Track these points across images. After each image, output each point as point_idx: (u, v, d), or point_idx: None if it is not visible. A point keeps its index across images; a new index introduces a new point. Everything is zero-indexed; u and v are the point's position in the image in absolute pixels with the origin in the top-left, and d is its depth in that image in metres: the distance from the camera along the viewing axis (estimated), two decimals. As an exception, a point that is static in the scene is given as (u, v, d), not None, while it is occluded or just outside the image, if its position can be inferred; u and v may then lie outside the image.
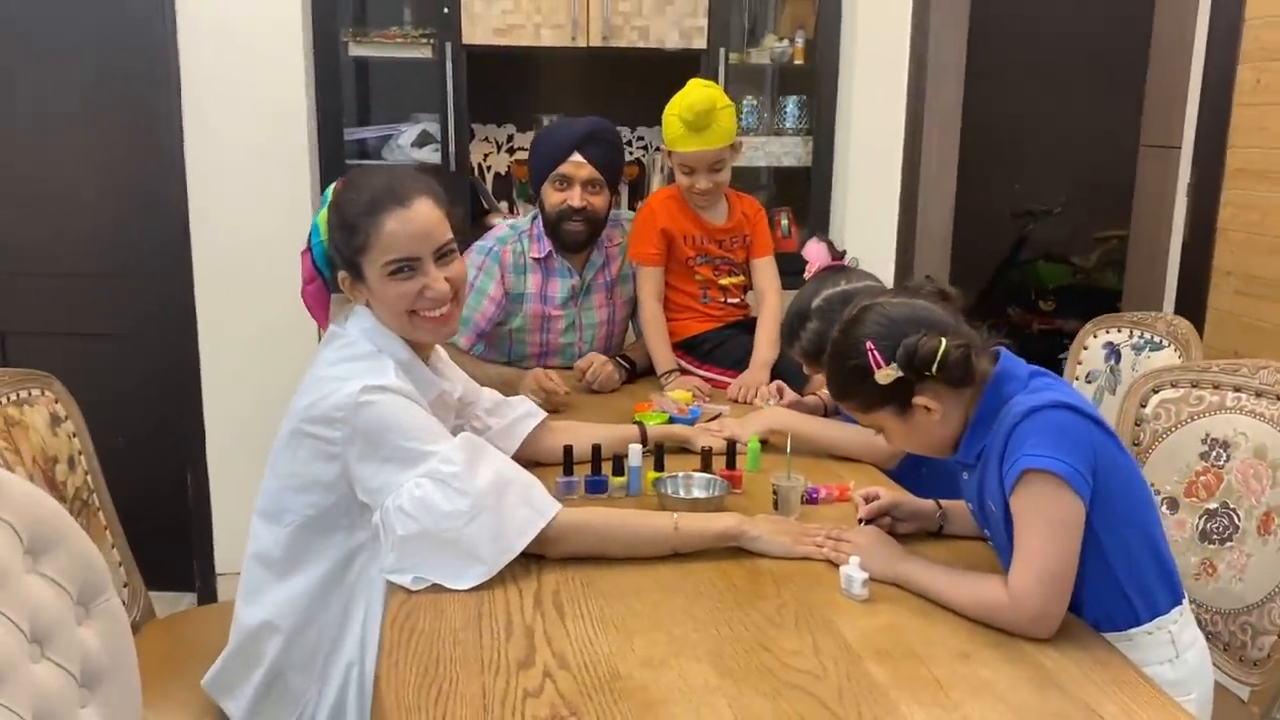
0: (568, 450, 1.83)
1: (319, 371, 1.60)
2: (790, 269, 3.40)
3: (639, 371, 2.62)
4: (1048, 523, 1.34)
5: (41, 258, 3.18)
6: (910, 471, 1.98)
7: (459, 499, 1.46)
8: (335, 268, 1.66)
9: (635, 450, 1.84)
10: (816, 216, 3.47)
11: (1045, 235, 5.48)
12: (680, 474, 1.81)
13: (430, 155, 3.25)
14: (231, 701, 1.69)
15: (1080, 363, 2.60)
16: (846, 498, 1.81)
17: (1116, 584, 1.41)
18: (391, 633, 1.35)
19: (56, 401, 1.93)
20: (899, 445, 1.56)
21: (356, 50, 3.21)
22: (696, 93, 2.46)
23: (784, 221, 3.56)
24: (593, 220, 2.55)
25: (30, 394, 1.86)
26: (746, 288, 2.67)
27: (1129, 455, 1.45)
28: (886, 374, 1.42)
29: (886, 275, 3.45)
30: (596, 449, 1.83)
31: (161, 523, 3.14)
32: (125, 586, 1.99)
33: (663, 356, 2.54)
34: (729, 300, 2.64)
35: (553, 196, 2.53)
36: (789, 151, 3.47)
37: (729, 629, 1.37)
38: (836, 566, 1.52)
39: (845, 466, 2.00)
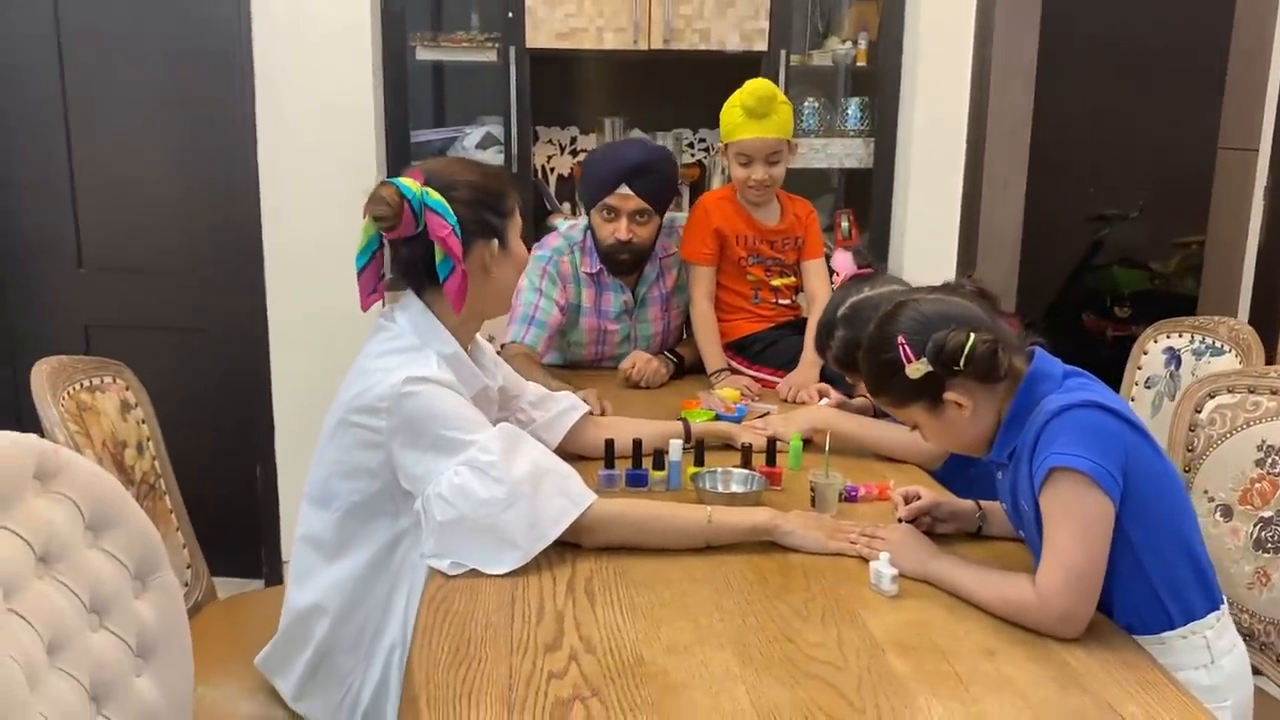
0: (609, 444, 1.86)
1: (364, 363, 1.66)
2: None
3: (686, 367, 2.64)
4: (1076, 521, 1.34)
5: (123, 253, 3.32)
6: (957, 473, 1.97)
7: (496, 487, 1.51)
8: (474, 239, 1.67)
9: (676, 445, 1.87)
10: (877, 219, 3.46)
11: (1121, 240, 5.37)
12: (719, 469, 1.84)
13: (494, 157, 3.31)
14: (282, 680, 1.75)
15: (1140, 368, 2.55)
16: (886, 497, 1.81)
17: (1149, 586, 1.40)
18: (427, 614, 1.40)
19: (127, 389, 2.02)
20: (933, 442, 1.57)
21: (425, 54, 3.30)
22: (758, 83, 2.49)
23: (845, 224, 3.54)
24: (636, 251, 2.56)
25: (103, 381, 1.96)
26: (797, 289, 2.69)
27: (1166, 458, 1.44)
28: (916, 368, 1.43)
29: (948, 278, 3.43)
30: (637, 443, 1.86)
31: (232, 511, 3.27)
32: (188, 568, 2.07)
33: (713, 356, 2.56)
34: (780, 301, 2.66)
35: (601, 228, 2.55)
36: (850, 153, 3.47)
37: (755, 620, 1.39)
38: (868, 563, 1.53)
39: (889, 466, 2.01)
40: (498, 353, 2.37)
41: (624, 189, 2.50)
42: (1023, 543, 1.59)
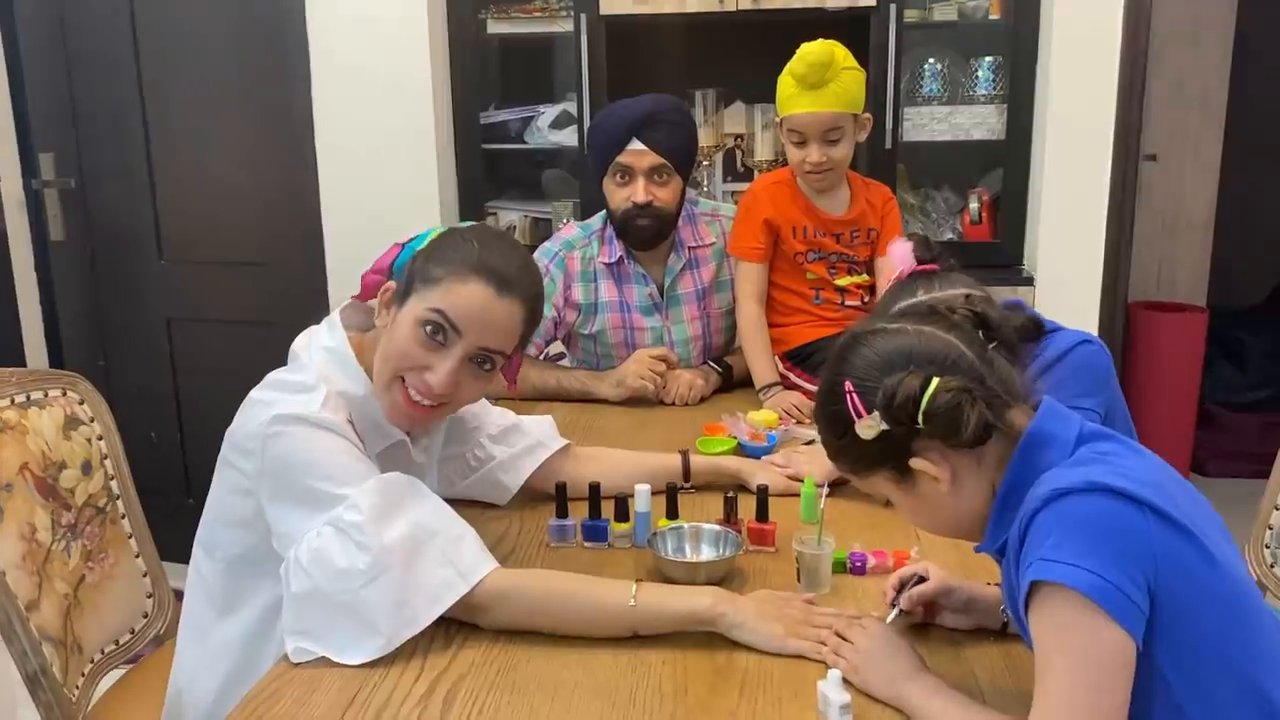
0: (560, 488, 1.54)
1: (254, 391, 1.41)
2: (976, 262, 2.92)
3: (736, 380, 2.27)
4: (1074, 660, 0.92)
5: (201, 245, 3.25)
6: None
7: (358, 555, 1.22)
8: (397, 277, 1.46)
9: (643, 492, 1.52)
10: (1011, 199, 2.96)
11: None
12: (686, 525, 1.48)
13: (569, 137, 3.03)
14: (182, 748, 1.54)
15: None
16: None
17: (1199, 752, 0.96)
18: (240, 714, 1.13)
19: (82, 403, 1.85)
20: (914, 523, 1.16)
21: (495, 27, 3.04)
22: (814, 46, 2.08)
23: (974, 205, 3.06)
24: (660, 215, 2.19)
25: (47, 395, 1.79)
26: (872, 288, 2.24)
27: (1227, 566, 0.97)
28: (868, 425, 1.04)
29: (1093, 272, 2.89)
30: (594, 487, 1.53)
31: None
32: (149, 598, 1.90)
33: (762, 367, 2.17)
34: (847, 303, 2.20)
35: (615, 194, 2.20)
36: (980, 123, 2.97)
37: (638, 755, 1.05)
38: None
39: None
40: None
41: (636, 144, 2.15)
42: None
